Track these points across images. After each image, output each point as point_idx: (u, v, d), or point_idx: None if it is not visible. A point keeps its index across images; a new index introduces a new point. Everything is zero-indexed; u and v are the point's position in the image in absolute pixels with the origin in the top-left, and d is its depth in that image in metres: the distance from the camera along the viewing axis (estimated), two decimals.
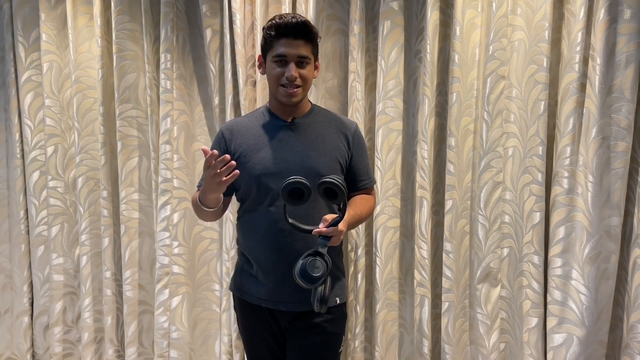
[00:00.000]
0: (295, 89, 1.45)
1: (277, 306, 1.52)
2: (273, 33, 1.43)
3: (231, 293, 1.69)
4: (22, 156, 2.44)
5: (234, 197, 1.66)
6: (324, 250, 1.32)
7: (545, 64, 1.76)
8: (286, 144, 1.50)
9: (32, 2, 2.33)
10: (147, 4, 2.17)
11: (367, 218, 1.67)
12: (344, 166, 1.54)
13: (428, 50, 1.90)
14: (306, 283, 1.30)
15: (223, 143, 1.55)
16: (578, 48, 1.71)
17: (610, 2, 1.65)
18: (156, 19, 2.18)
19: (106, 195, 2.29)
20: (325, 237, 1.33)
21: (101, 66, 2.23)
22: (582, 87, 1.73)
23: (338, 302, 1.55)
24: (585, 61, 1.72)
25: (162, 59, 2.16)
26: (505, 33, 1.85)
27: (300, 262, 1.31)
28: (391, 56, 1.96)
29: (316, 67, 1.54)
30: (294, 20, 1.42)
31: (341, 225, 1.35)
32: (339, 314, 1.58)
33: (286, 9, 2.02)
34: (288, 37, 1.42)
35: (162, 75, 2.16)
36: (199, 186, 1.59)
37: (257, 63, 1.57)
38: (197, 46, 2.21)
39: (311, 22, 1.96)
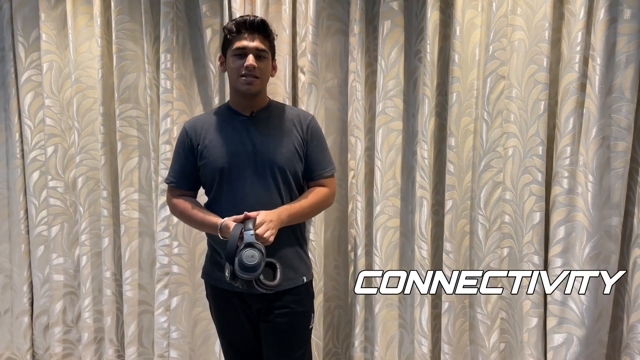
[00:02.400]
0: (254, 79, 1.55)
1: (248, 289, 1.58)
2: (234, 29, 1.55)
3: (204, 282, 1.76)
4: (22, 156, 2.43)
5: None
6: (252, 239, 1.37)
7: (545, 64, 1.76)
8: (246, 137, 1.59)
9: (32, 2, 2.33)
10: (147, 4, 2.17)
11: (319, 208, 1.69)
12: (301, 155, 1.63)
13: (428, 50, 1.90)
14: (248, 273, 1.34)
15: (188, 140, 1.64)
16: (578, 48, 1.71)
17: (610, 2, 1.65)
18: (156, 19, 2.18)
19: (106, 195, 2.29)
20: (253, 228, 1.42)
21: (101, 66, 2.23)
22: (582, 87, 1.73)
23: (305, 280, 1.64)
24: (585, 61, 1.72)
25: (162, 59, 2.16)
26: (505, 33, 1.85)
27: (236, 259, 1.35)
28: (391, 56, 1.96)
29: (274, 67, 1.64)
30: (252, 18, 1.56)
31: (262, 215, 1.46)
32: (306, 293, 1.66)
33: (286, 9, 2.02)
34: (247, 32, 1.54)
35: (162, 75, 2.16)
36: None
37: (218, 62, 1.68)
38: (197, 46, 2.21)
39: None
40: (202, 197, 1.71)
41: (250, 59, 1.53)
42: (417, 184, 1.96)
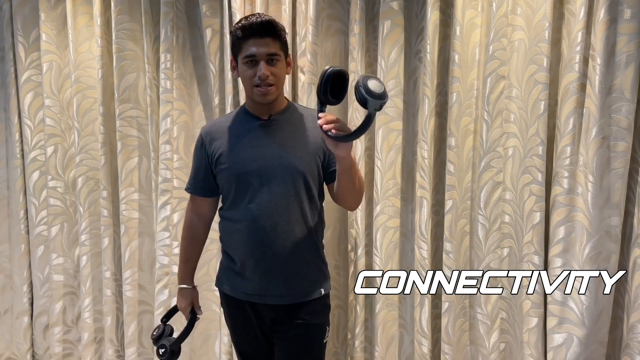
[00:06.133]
0: (268, 88, 1.47)
1: (264, 300, 1.55)
2: (240, 34, 1.46)
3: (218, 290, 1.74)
4: (22, 156, 2.44)
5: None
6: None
7: (545, 64, 1.76)
8: (264, 141, 1.53)
9: (32, 2, 2.33)
10: (147, 4, 2.17)
11: (362, 185, 1.55)
12: (321, 157, 1.55)
13: (428, 50, 1.90)
14: (381, 99, 1.16)
15: (203, 146, 1.60)
16: (578, 48, 1.71)
17: (610, 2, 1.65)
18: (156, 19, 2.18)
19: (106, 195, 2.29)
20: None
21: (101, 66, 2.23)
22: (582, 87, 1.73)
23: (323, 293, 1.59)
24: (585, 61, 1.72)
25: (162, 59, 2.16)
26: (505, 33, 1.85)
27: (361, 87, 1.17)
28: (391, 56, 1.96)
29: (288, 64, 1.55)
30: (259, 19, 1.45)
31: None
32: (322, 306, 1.61)
33: (286, 9, 2.02)
34: (255, 36, 1.45)
35: (162, 75, 2.16)
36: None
37: (230, 66, 1.60)
38: (197, 46, 2.21)
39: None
40: None
41: (263, 68, 1.44)
42: (417, 184, 1.96)
